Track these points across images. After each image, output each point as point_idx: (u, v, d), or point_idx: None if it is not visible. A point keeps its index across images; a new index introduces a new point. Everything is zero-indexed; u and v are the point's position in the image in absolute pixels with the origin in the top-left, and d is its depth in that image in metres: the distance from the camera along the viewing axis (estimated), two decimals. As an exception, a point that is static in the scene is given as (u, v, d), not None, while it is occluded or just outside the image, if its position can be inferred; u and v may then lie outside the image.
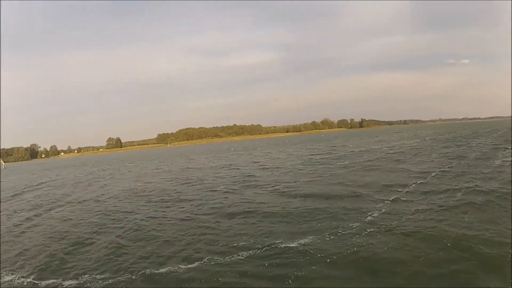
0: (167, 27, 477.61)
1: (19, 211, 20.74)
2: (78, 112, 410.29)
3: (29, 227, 16.21)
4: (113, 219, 15.88)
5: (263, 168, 32.31)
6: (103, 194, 24.23)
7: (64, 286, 9.15)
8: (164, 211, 16.44)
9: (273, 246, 10.00)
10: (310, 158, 38.60)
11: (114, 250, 11.27)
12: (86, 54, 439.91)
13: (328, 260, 8.66)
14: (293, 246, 9.82)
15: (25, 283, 9.65)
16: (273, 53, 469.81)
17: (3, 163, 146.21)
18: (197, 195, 20.07)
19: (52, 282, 9.48)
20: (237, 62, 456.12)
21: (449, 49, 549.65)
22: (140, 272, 9.26)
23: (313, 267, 8.36)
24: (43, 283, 9.58)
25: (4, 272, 10.63)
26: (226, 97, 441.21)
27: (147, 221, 14.75)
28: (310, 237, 10.43)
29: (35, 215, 18.90)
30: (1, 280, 10.12)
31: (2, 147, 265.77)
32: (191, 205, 17.26)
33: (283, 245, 9.96)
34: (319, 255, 9.03)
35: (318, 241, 10.13)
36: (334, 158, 36.34)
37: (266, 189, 19.79)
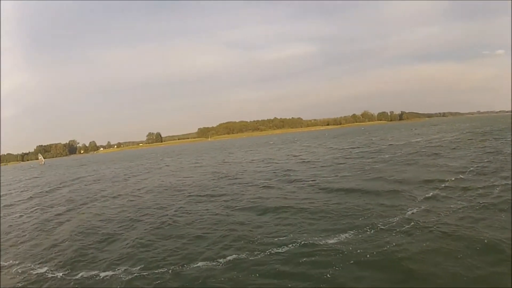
0: (206, 21, 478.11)
1: (54, 206, 21.63)
2: (118, 108, 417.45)
3: (62, 222, 16.90)
4: (147, 214, 16.31)
5: (302, 162, 32.02)
6: (138, 189, 24.99)
7: (95, 279, 9.45)
8: (199, 206, 16.67)
9: (310, 242, 10.00)
10: (350, 152, 37.99)
11: (148, 244, 11.67)
12: (124, 50, 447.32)
13: (364, 259, 8.62)
14: (331, 243, 9.80)
15: (58, 276, 9.96)
16: (312, 46, 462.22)
17: (43, 159, 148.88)
18: (234, 189, 20.30)
19: (83, 275, 9.79)
20: (277, 55, 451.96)
21: (484, 39, 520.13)
22: (172, 267, 9.51)
23: (349, 266, 8.32)
24: (74, 275, 9.93)
25: (37, 265, 11.06)
26: (267, 90, 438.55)
27: (181, 216, 15.09)
28: (347, 234, 10.40)
29: (68, 210, 19.72)
30: (34, 273, 10.48)
31: (40, 144, 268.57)
32: (228, 200, 17.46)
33: (320, 242, 9.97)
34: (355, 252, 8.99)
35: (355, 238, 10.08)
36: (374, 151, 35.70)
37: (304, 183, 19.69)
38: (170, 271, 9.26)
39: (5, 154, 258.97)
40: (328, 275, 7.99)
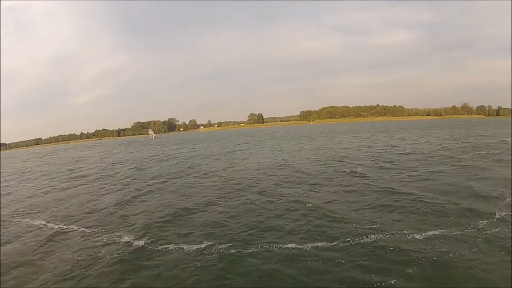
0: (308, 6, 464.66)
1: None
2: (222, 88, 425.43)
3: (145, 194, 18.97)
4: (226, 193, 17.34)
5: (403, 153, 30.14)
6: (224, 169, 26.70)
7: (175, 251, 10.17)
8: (287, 190, 17.06)
9: (390, 238, 9.95)
10: (450, 145, 35.27)
11: (219, 221, 12.61)
12: (229, 35, 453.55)
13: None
14: (418, 239, 9.85)
15: (139, 245, 10.84)
16: (415, 33, 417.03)
17: (153, 133, 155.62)
18: (319, 177, 20.28)
19: (164, 246, 10.54)
20: (380, 42, 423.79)
21: None
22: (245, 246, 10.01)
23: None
24: (156, 245, 10.71)
25: (119, 233, 12.14)
26: (370, 76, 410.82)
27: (262, 198, 15.59)
28: (435, 232, 10.22)
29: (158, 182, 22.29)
30: (121, 240, 11.41)
31: (139, 120, 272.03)
32: (309, 188, 17.45)
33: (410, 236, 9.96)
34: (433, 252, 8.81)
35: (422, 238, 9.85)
36: (473, 146, 33.06)
37: (407, 175, 19.16)
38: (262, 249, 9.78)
39: (100, 129, 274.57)
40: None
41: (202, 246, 10.32)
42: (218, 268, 8.92)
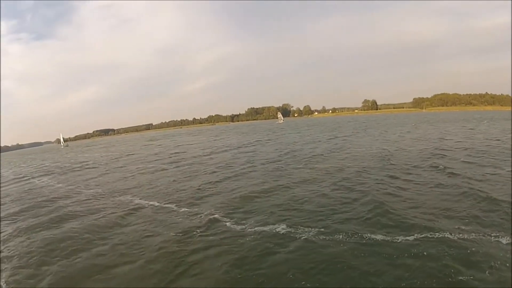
0: None
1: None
2: (337, 75, 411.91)
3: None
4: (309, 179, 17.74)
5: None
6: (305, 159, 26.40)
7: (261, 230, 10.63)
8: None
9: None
10: None
11: (290, 205, 13.22)
12: (337, 20, 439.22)
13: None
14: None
15: (211, 222, 11.79)
16: None
17: (282, 117, 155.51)
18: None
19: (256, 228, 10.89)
20: (489, 24, 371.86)
21: None
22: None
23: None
24: (246, 225, 11.20)
25: (196, 210, 13.24)
26: (480, 61, 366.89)
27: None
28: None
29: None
30: (194, 217, 12.47)
31: (252, 106, 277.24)
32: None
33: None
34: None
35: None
36: None
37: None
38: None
39: (213, 115, 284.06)
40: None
41: (267, 228, 10.83)
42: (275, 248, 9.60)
